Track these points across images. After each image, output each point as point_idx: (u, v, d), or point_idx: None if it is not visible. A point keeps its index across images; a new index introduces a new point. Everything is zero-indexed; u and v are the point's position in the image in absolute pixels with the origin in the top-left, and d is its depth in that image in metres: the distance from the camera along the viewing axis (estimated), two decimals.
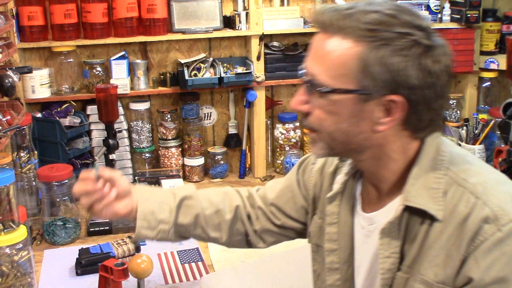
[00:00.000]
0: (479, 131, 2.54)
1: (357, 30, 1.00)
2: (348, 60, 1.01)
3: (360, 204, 1.21)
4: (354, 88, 1.02)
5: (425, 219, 1.06)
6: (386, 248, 1.10)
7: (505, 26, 2.73)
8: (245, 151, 2.69)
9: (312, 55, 1.09)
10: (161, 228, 1.33)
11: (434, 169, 1.08)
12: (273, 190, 1.43)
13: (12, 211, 1.60)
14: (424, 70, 1.01)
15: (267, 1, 2.61)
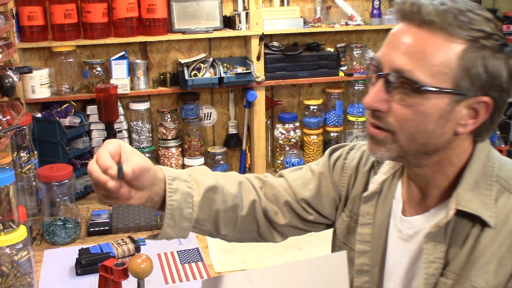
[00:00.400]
0: None
1: (458, 29, 0.97)
2: (450, 59, 0.97)
3: (401, 207, 1.16)
4: (451, 88, 0.98)
5: (475, 225, 1.04)
6: (431, 252, 1.06)
7: (505, 26, 2.73)
8: (245, 151, 2.69)
9: (399, 49, 1.00)
10: (182, 226, 1.13)
11: (484, 175, 1.06)
12: (301, 184, 1.31)
13: (12, 211, 1.60)
14: (510, 73, 1.00)
15: (267, 1, 2.61)
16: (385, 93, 1.01)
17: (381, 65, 1.02)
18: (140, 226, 2.10)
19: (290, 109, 2.78)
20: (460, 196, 1.04)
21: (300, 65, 2.58)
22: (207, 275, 1.79)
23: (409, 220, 1.13)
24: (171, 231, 1.11)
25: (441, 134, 1.02)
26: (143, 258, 1.48)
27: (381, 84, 1.01)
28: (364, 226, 1.21)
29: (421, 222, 1.11)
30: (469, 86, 0.98)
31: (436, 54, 0.97)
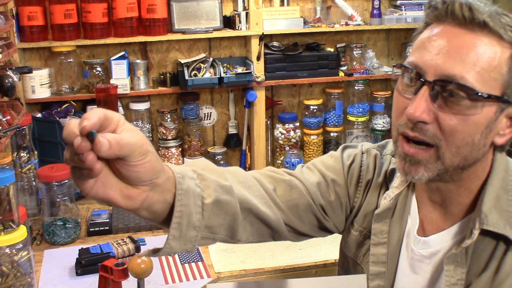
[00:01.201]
0: None
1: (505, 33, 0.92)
2: (500, 65, 0.92)
3: (417, 224, 1.08)
4: (500, 95, 0.93)
5: (499, 244, 0.99)
6: (452, 274, 0.99)
7: None
8: (245, 151, 2.69)
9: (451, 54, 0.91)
10: (188, 237, 0.92)
11: (505, 190, 1.01)
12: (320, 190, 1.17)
13: (12, 211, 1.60)
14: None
15: (267, 1, 2.61)
16: (430, 103, 0.92)
17: (424, 71, 0.93)
18: (140, 226, 2.10)
19: (290, 109, 2.78)
20: (484, 215, 0.97)
21: (300, 65, 2.58)
22: (207, 275, 1.79)
23: (425, 241, 1.06)
24: (175, 244, 0.90)
25: (483, 145, 0.96)
26: (143, 258, 1.48)
27: (425, 92, 0.92)
28: (378, 245, 1.11)
29: (439, 242, 1.05)
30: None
31: (487, 59, 0.91)
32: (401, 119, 0.97)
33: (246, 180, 1.08)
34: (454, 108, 0.91)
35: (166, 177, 0.87)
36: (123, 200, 0.82)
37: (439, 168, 0.95)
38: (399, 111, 0.97)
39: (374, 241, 1.11)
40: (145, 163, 0.80)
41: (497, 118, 0.94)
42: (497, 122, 0.95)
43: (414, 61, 0.95)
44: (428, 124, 0.92)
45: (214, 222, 0.96)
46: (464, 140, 0.93)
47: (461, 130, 0.92)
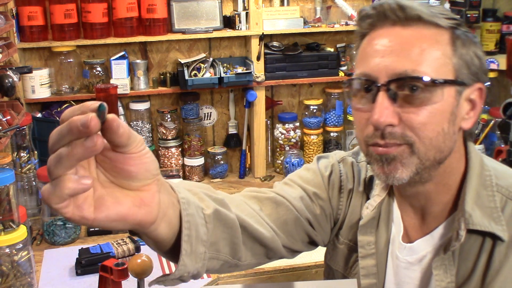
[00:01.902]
0: (479, 131, 2.53)
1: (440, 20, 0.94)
2: (446, 49, 0.93)
3: (401, 231, 1.06)
4: (455, 78, 0.93)
5: (486, 242, 0.98)
6: (442, 278, 0.99)
7: (505, 26, 2.73)
8: (245, 151, 2.69)
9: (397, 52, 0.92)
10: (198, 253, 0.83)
11: (484, 186, 1.00)
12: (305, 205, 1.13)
13: (12, 211, 1.60)
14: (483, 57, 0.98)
15: (267, 1, 2.61)
16: (391, 105, 0.91)
17: (375, 77, 0.92)
18: None
19: (290, 109, 2.78)
20: (468, 214, 0.96)
21: (300, 65, 2.58)
22: (207, 275, 1.79)
23: (410, 247, 1.04)
24: (188, 261, 0.81)
25: (453, 133, 0.95)
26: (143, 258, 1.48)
27: (383, 96, 0.91)
28: (367, 257, 1.09)
29: (425, 247, 1.03)
30: (467, 74, 0.94)
31: (432, 47, 0.92)
32: (366, 131, 0.95)
33: (232, 200, 1.02)
34: (416, 103, 0.91)
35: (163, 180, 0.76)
36: (140, 210, 0.69)
37: (415, 163, 0.93)
38: (362, 124, 0.96)
39: (362, 254, 1.09)
40: (147, 152, 0.69)
41: (458, 103, 0.95)
42: (459, 107, 0.95)
43: (363, 71, 0.95)
44: (395, 126, 0.92)
45: (217, 236, 0.90)
46: (435, 131, 0.92)
47: (429, 122, 0.91)
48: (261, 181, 2.61)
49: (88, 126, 0.61)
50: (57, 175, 0.61)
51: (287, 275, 1.86)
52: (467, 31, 0.97)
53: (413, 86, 0.90)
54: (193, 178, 2.62)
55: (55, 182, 0.62)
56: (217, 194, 0.95)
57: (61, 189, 0.61)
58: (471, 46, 0.96)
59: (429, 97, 0.91)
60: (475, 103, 0.97)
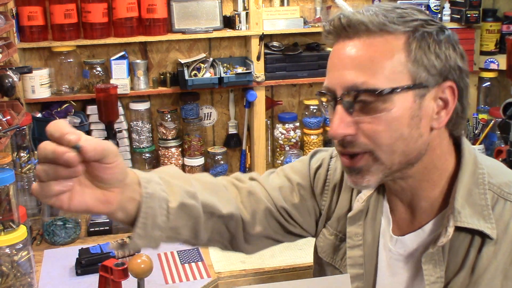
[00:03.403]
0: (479, 131, 2.53)
1: (394, 24, 0.95)
2: (397, 55, 0.94)
3: (391, 225, 1.10)
4: (412, 83, 0.94)
5: (475, 239, 0.99)
6: (432, 273, 1.01)
7: (505, 26, 2.73)
8: (245, 151, 2.69)
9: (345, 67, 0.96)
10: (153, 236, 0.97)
11: (476, 184, 1.01)
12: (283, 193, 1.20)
13: (12, 211, 1.60)
14: (459, 54, 0.98)
15: (267, 1, 2.61)
16: (348, 116, 0.95)
17: (333, 90, 0.97)
18: None
19: (290, 109, 2.78)
20: (457, 211, 0.98)
21: (300, 65, 2.58)
22: (207, 275, 1.79)
23: (401, 240, 1.07)
24: (140, 242, 0.95)
25: (419, 135, 0.97)
26: (143, 258, 1.48)
27: (340, 109, 0.96)
28: (354, 248, 1.13)
29: (414, 241, 1.06)
30: (427, 76, 0.95)
31: (383, 56, 0.94)
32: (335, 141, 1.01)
33: (214, 187, 1.12)
34: (369, 113, 0.94)
35: (131, 178, 0.92)
36: (102, 205, 0.88)
37: (381, 169, 0.98)
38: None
39: (350, 244, 1.13)
40: (119, 163, 0.86)
41: (420, 105, 0.95)
42: (424, 109, 0.96)
43: (326, 84, 0.99)
44: (354, 135, 0.96)
45: (178, 223, 1.01)
46: (393, 137, 0.95)
47: (385, 130, 0.94)
48: None
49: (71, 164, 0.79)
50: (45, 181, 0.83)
51: (287, 275, 1.87)
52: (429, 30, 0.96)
53: (363, 98, 0.94)
54: None
55: (43, 185, 0.84)
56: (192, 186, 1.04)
57: (48, 190, 0.83)
58: (434, 46, 0.95)
59: (381, 106, 0.93)
60: (447, 101, 0.98)
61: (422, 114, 0.96)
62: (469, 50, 2.69)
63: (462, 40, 2.68)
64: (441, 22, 1.03)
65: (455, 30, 2.63)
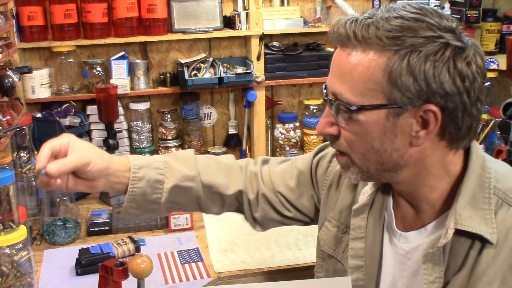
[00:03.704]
0: (479, 131, 2.53)
1: (380, 40, 0.93)
2: (374, 73, 0.94)
3: (394, 220, 1.12)
4: (384, 103, 0.95)
5: (475, 242, 1.00)
6: (430, 272, 1.02)
7: (505, 26, 2.73)
8: (245, 151, 2.69)
9: (334, 73, 1.00)
10: (149, 208, 1.26)
11: (481, 188, 1.01)
12: (282, 178, 1.34)
13: (12, 211, 1.60)
14: (457, 74, 0.93)
15: (267, 1, 2.61)
16: (332, 117, 1.01)
17: (327, 90, 1.03)
18: (140, 226, 2.10)
19: (290, 109, 2.78)
20: (459, 214, 0.98)
21: (300, 65, 2.58)
22: (207, 275, 1.79)
23: (405, 236, 1.09)
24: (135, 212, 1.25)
25: (393, 150, 0.98)
26: (143, 258, 1.48)
27: (327, 109, 1.02)
28: (356, 240, 1.16)
29: (418, 239, 1.07)
30: (402, 97, 0.93)
31: (361, 72, 0.95)
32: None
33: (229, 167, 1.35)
34: (346, 121, 0.99)
35: (117, 167, 1.20)
36: (89, 189, 1.20)
37: (358, 171, 1.04)
38: None
39: (353, 236, 1.16)
40: (91, 168, 1.15)
41: (395, 123, 0.96)
42: (400, 126, 0.96)
43: (327, 81, 1.05)
44: (336, 136, 1.02)
45: (178, 200, 1.28)
46: (364, 148, 0.99)
47: (356, 139, 0.99)
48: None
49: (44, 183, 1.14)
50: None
51: (286, 275, 1.86)
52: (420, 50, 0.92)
53: (339, 108, 0.99)
54: None
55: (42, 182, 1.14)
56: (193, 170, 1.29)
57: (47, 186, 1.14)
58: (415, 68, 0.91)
59: (353, 118, 0.98)
60: (428, 123, 0.95)
61: (398, 131, 0.97)
62: None
63: None
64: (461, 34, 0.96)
65: None
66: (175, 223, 2.08)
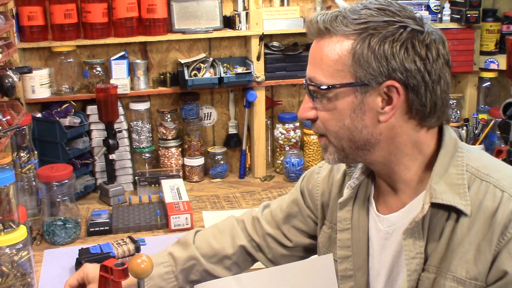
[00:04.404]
0: (479, 131, 2.54)
1: (346, 26, 1.06)
2: (342, 56, 1.06)
3: (374, 207, 1.19)
4: (351, 81, 1.06)
5: (451, 216, 1.06)
6: (411, 248, 1.08)
7: (505, 26, 2.73)
8: (245, 151, 2.69)
9: (309, 62, 1.13)
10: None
11: (454, 166, 1.08)
12: (281, 208, 1.44)
13: (12, 211, 1.60)
14: (417, 55, 1.04)
15: (267, 1, 2.61)
16: (311, 103, 1.12)
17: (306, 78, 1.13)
18: (140, 226, 2.10)
19: (290, 109, 2.78)
20: (433, 189, 1.06)
21: (300, 65, 2.58)
22: None
23: (387, 218, 1.16)
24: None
25: (363, 127, 1.08)
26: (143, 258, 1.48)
27: (306, 96, 1.13)
28: (343, 231, 1.23)
29: (398, 219, 1.13)
30: (366, 74, 1.04)
31: (330, 56, 1.07)
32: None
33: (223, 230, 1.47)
34: (322, 103, 1.10)
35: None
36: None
37: (335, 150, 1.12)
38: None
39: (340, 228, 1.24)
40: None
41: (363, 101, 1.06)
42: (368, 104, 1.06)
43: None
44: (314, 120, 1.12)
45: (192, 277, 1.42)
46: (337, 126, 1.09)
47: (330, 119, 1.09)
48: (261, 181, 2.61)
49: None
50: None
51: None
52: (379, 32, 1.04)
53: (312, 90, 1.10)
54: (193, 178, 2.62)
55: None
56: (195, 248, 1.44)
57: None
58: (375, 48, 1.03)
59: (326, 99, 1.09)
60: (391, 98, 1.06)
61: (366, 108, 1.07)
62: (469, 50, 2.69)
63: (462, 40, 2.71)
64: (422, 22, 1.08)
65: (455, 30, 2.66)
66: (175, 223, 2.08)
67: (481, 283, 1.02)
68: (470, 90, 2.78)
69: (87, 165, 2.42)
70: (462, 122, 2.69)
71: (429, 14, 2.65)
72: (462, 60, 2.68)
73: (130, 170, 2.53)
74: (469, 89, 2.78)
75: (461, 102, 2.81)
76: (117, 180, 2.44)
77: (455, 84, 2.86)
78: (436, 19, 2.67)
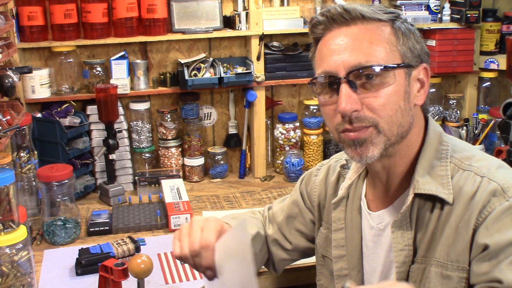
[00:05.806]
0: (479, 131, 2.54)
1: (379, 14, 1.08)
2: (389, 38, 1.08)
3: (365, 205, 1.22)
4: (402, 62, 1.08)
5: (435, 206, 1.09)
6: (399, 241, 1.11)
7: (505, 26, 2.73)
8: (245, 151, 2.69)
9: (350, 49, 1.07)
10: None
11: (438, 159, 1.11)
12: (282, 210, 1.46)
13: (12, 211, 1.60)
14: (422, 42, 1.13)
15: (267, 1, 2.61)
16: (353, 94, 1.06)
17: (335, 72, 1.07)
18: (140, 226, 2.10)
19: (290, 109, 2.78)
20: (417, 181, 1.09)
21: (300, 65, 2.58)
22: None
23: (378, 215, 1.18)
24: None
25: (409, 109, 1.09)
26: (143, 258, 1.48)
27: (345, 88, 1.06)
28: (337, 231, 1.25)
29: (388, 215, 1.16)
30: (412, 57, 1.09)
31: (377, 39, 1.07)
32: (336, 120, 1.10)
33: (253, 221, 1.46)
34: (373, 88, 1.06)
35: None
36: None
37: (383, 140, 1.07)
38: (331, 115, 1.11)
39: (334, 228, 1.26)
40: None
41: (408, 83, 1.09)
42: (410, 86, 1.09)
43: (324, 69, 1.09)
44: (360, 111, 1.06)
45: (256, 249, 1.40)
46: (393, 109, 1.06)
47: (387, 102, 1.06)
48: (261, 181, 2.61)
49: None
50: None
51: (287, 275, 1.86)
52: (405, 21, 1.12)
53: (368, 74, 1.05)
54: (193, 178, 2.62)
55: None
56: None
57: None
58: (410, 33, 1.10)
59: (383, 81, 1.06)
60: (423, 82, 1.12)
61: (410, 91, 1.09)
62: (469, 50, 2.69)
63: (462, 40, 2.71)
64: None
65: (455, 30, 2.66)
66: (175, 223, 2.08)
67: (463, 265, 1.04)
68: (470, 90, 2.78)
69: (87, 165, 2.42)
70: (462, 122, 2.69)
71: (429, 14, 2.65)
72: (462, 60, 2.68)
73: (130, 170, 2.53)
74: (469, 89, 2.78)
75: (461, 102, 2.81)
76: (117, 180, 2.44)
77: (455, 84, 2.85)
78: (436, 19, 2.67)
